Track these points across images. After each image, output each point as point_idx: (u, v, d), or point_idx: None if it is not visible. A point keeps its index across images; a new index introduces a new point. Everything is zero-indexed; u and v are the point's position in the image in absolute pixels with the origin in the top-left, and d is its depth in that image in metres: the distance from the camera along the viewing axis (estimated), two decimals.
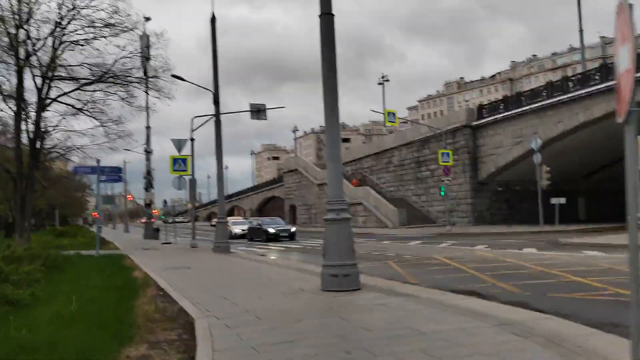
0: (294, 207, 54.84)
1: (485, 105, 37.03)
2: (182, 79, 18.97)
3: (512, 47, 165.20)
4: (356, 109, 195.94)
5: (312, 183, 50.16)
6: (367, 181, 44.84)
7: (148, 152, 34.52)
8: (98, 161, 15.81)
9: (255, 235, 28.35)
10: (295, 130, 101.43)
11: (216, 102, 17.44)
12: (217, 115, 17.67)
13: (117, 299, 7.23)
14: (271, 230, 26.84)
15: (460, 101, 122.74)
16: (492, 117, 33.85)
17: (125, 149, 38.85)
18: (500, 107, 33.90)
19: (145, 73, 23.51)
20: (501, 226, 31.44)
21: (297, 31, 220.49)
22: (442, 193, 27.61)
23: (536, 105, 30.92)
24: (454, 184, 33.80)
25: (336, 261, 7.40)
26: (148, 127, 33.99)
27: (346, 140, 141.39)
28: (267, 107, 22.40)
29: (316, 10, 7.71)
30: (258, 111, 22.31)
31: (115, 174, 15.87)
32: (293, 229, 27.80)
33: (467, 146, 34.98)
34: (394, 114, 27.84)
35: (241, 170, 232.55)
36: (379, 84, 60.81)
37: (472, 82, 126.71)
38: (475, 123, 35.00)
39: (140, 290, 8.36)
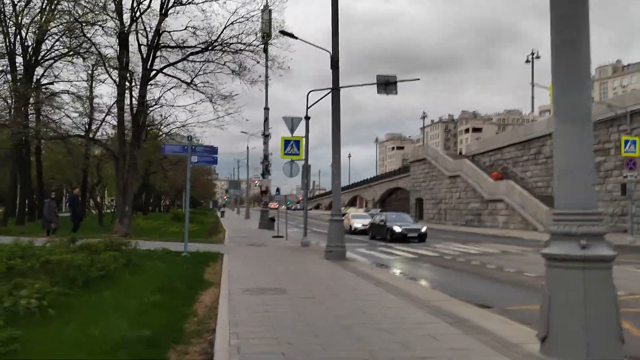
0: (421, 201, 49.79)
1: None
2: (293, 36, 15.43)
3: None
4: (485, 99, 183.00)
5: (442, 175, 44.73)
6: (509, 174, 38.43)
7: (265, 135, 32.09)
8: (190, 138, 12.88)
9: (378, 233, 24.39)
10: (423, 117, 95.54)
11: (335, 65, 13.61)
12: (335, 83, 13.83)
13: None
14: (397, 229, 22.62)
15: (615, 87, 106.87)
16: None
17: (243, 132, 37.50)
18: None
19: (265, 48, 20.64)
20: None
21: (423, 22, 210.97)
22: (626, 193, 21.11)
23: None
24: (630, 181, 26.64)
25: (583, 357, 3.06)
26: (266, 109, 31.55)
27: (477, 129, 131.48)
28: (397, 79, 18.18)
29: None
30: (387, 84, 18.08)
31: (208, 154, 12.84)
32: (424, 229, 23.14)
33: None
34: None
35: (363, 160, 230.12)
36: (527, 61, 53.03)
37: (629, 65, 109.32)
38: None
39: (177, 350, 4.75)
